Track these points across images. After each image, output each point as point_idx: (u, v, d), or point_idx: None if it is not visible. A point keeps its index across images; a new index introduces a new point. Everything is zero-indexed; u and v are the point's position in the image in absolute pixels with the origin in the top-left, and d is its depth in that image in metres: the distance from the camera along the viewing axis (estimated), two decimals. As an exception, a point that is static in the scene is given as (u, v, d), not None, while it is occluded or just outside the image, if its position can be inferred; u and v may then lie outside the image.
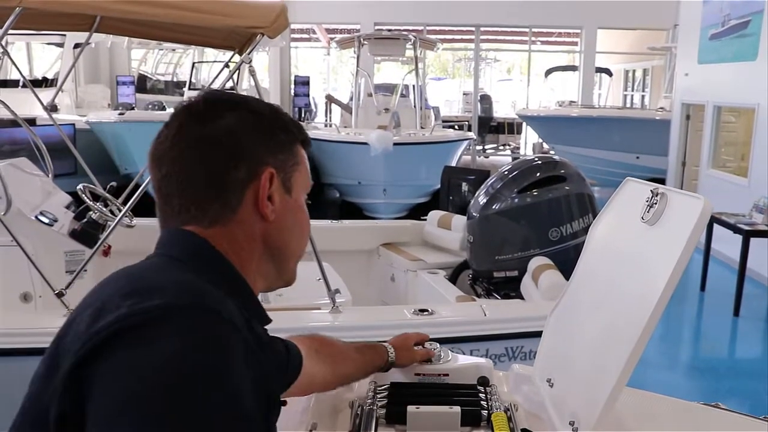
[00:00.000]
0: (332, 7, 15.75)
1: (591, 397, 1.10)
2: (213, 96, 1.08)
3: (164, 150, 1.03)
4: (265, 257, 1.07)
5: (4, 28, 2.86)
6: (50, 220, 3.56)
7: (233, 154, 1.01)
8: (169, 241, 1.03)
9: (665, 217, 1.14)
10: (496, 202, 4.20)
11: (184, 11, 3.03)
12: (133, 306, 0.84)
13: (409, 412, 1.36)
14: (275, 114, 1.09)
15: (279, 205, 1.05)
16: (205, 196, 1.01)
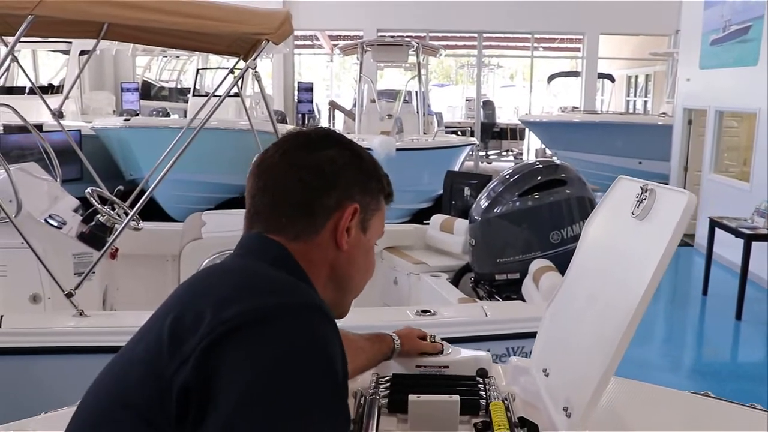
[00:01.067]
0: (335, 14, 15.86)
1: (583, 383, 1.16)
2: (323, 131, 1.22)
3: (269, 165, 1.16)
4: (330, 284, 1.16)
5: (16, 36, 2.93)
6: (59, 223, 3.62)
7: (329, 183, 1.13)
8: (258, 246, 1.13)
9: (654, 212, 1.20)
10: (498, 205, 4.25)
11: (192, 18, 3.10)
12: (256, 302, 0.96)
13: (411, 401, 1.41)
14: (373, 163, 1.21)
15: (354, 239, 1.15)
16: (295, 213, 1.13)
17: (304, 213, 1.13)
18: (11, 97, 9.01)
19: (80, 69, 7.61)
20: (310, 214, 1.13)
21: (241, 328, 0.92)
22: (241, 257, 1.13)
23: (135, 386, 0.96)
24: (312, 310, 0.98)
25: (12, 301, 3.36)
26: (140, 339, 1.03)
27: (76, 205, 4.12)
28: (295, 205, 1.13)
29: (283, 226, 1.13)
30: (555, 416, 1.26)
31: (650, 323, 7.06)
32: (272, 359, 0.90)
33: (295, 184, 1.13)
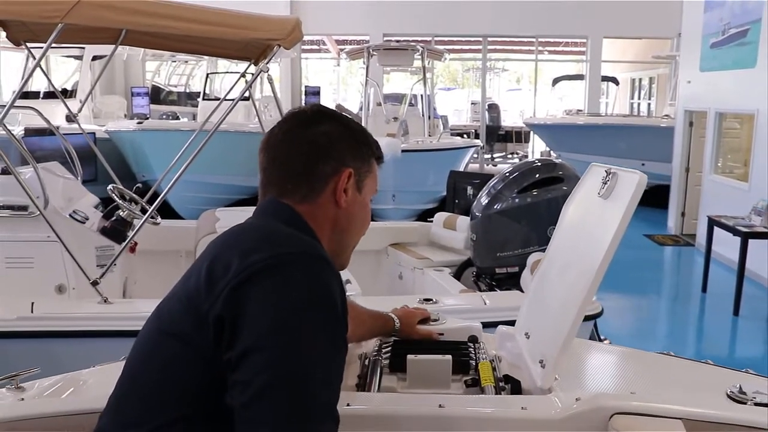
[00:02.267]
0: (342, 19, 16.07)
1: (554, 338, 1.35)
2: (317, 108, 1.43)
3: (275, 141, 1.38)
4: (334, 237, 1.38)
5: (47, 43, 3.15)
6: (82, 218, 3.84)
7: (325, 153, 1.35)
8: (273, 208, 1.35)
9: (615, 192, 1.40)
10: (498, 202, 4.44)
11: (208, 25, 3.31)
12: (274, 250, 1.18)
13: (409, 360, 1.61)
14: (362, 132, 1.43)
15: (351, 198, 1.37)
16: (299, 179, 1.34)
17: (306, 179, 1.34)
18: (27, 101, 9.25)
19: (99, 74, 7.85)
20: (311, 180, 1.34)
21: (262, 272, 1.14)
22: (259, 218, 1.36)
23: (179, 319, 1.20)
24: (319, 259, 1.19)
25: (38, 290, 3.57)
26: (182, 285, 1.27)
27: (97, 203, 4.34)
28: (299, 174, 1.34)
29: (291, 192, 1.34)
30: (533, 369, 1.46)
31: (652, 320, 7.24)
32: (288, 299, 1.12)
33: (296, 156, 1.35)
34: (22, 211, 3.69)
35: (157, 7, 3.41)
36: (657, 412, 1.32)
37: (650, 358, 1.67)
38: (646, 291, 8.13)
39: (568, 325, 1.31)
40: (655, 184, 12.27)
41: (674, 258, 9.79)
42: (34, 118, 4.98)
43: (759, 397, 1.40)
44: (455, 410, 1.42)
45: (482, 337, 1.79)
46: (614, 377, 1.62)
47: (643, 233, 10.55)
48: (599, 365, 1.75)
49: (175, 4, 3.49)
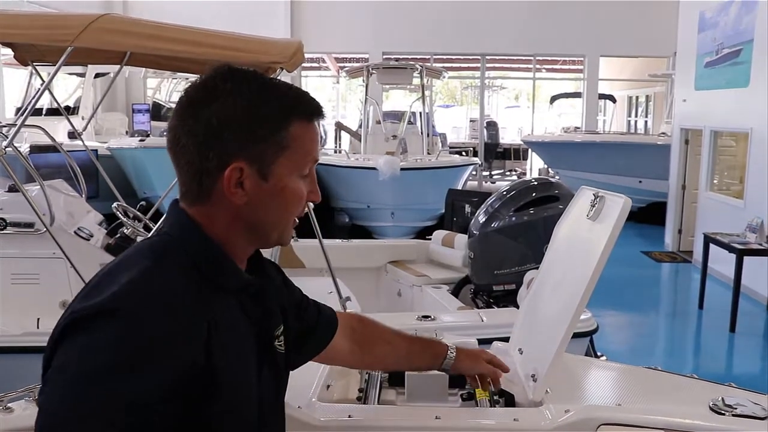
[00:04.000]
0: (341, 37, 16.25)
1: (545, 353, 1.43)
2: (219, 74, 1.14)
3: (169, 125, 1.15)
4: (246, 231, 1.17)
5: (56, 66, 3.24)
6: (87, 234, 3.92)
7: (206, 145, 1.10)
8: (168, 217, 1.20)
9: (602, 214, 1.48)
10: (495, 220, 4.51)
11: (212, 48, 3.40)
12: (79, 304, 1.03)
13: (407, 375, 1.69)
14: (258, 105, 1.13)
15: (251, 190, 1.13)
16: (186, 179, 1.15)
17: (191, 178, 1.14)
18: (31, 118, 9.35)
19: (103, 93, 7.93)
20: (196, 179, 1.13)
21: (63, 330, 1.01)
22: (152, 235, 1.25)
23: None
24: (110, 317, 0.98)
25: (43, 306, 3.64)
26: None
27: (101, 220, 4.42)
28: (184, 170, 1.14)
29: (184, 192, 1.17)
30: (525, 383, 1.54)
31: (649, 336, 7.29)
32: (72, 357, 0.98)
33: (179, 148, 1.13)
34: (28, 228, 3.77)
35: (163, 30, 3.50)
36: (641, 423, 1.39)
37: (638, 372, 1.75)
38: (644, 307, 8.19)
39: (558, 341, 1.39)
40: (652, 201, 12.39)
41: (671, 275, 9.86)
42: (38, 135, 5.07)
43: (740, 408, 1.47)
44: (451, 422, 1.49)
45: (478, 353, 1.86)
46: (603, 390, 1.69)
47: (641, 250, 10.62)
48: (590, 379, 1.82)
49: (180, 28, 3.59)
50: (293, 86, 1.21)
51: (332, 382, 1.71)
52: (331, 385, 1.70)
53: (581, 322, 3.62)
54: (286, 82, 1.22)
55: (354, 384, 1.76)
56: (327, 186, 10.88)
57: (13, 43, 3.64)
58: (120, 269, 1.08)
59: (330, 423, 1.52)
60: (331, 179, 10.70)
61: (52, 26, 3.35)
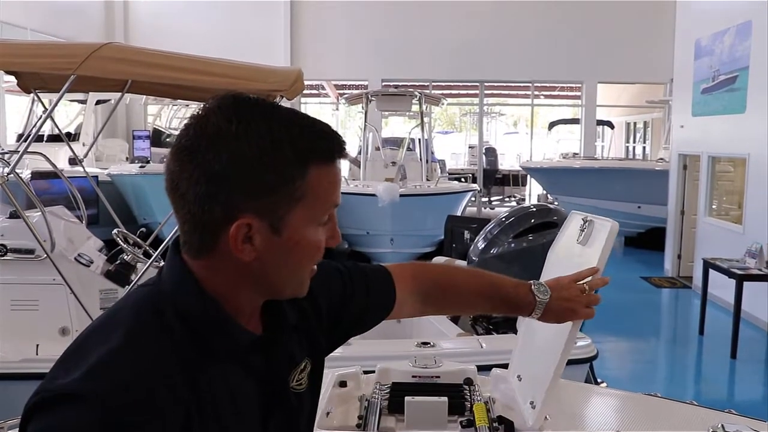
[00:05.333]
0: (341, 65, 16.38)
1: (542, 380, 1.43)
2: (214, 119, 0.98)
3: (167, 164, 1.01)
4: (256, 286, 1.05)
5: (59, 94, 3.28)
6: (87, 261, 3.93)
7: (209, 197, 0.97)
8: (166, 266, 1.07)
9: (591, 238, 1.50)
10: (494, 246, 4.53)
11: (212, 76, 3.44)
12: (48, 381, 0.93)
13: (407, 401, 1.69)
14: (269, 151, 0.97)
15: (262, 246, 1.00)
16: (188, 228, 1.01)
17: (192, 230, 1.01)
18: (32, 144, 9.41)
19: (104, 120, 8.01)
20: (197, 231, 1.00)
21: (30, 410, 0.93)
22: (145, 285, 1.08)
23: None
24: (73, 404, 0.89)
25: (43, 333, 3.64)
26: None
27: (101, 246, 4.43)
28: (184, 220, 1.01)
29: (184, 243, 1.04)
30: (524, 410, 1.54)
31: (649, 362, 7.27)
32: None
33: (178, 196, 0.99)
34: (28, 254, 3.78)
35: (164, 59, 3.55)
36: (640, 450, 1.40)
37: (638, 399, 1.75)
38: (644, 333, 8.17)
39: (554, 368, 1.39)
40: (651, 227, 12.40)
41: (671, 300, 9.84)
42: (39, 161, 5.11)
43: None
44: (450, 449, 1.49)
45: (477, 380, 1.87)
46: (603, 417, 1.70)
47: (640, 275, 10.62)
48: (590, 406, 1.82)
49: (181, 56, 3.64)
50: (308, 119, 1.04)
51: (332, 409, 1.71)
52: (331, 412, 1.70)
53: (581, 348, 3.62)
54: (300, 112, 1.06)
55: (354, 411, 1.76)
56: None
57: (17, 71, 3.68)
58: (102, 332, 0.98)
59: (330, 451, 1.52)
60: (331, 205, 10.70)
61: (56, 55, 3.40)
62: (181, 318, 1.00)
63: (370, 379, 1.89)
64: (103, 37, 15.24)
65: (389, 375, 1.89)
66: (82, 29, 14.82)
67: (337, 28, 16.17)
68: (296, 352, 1.17)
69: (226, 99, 1.01)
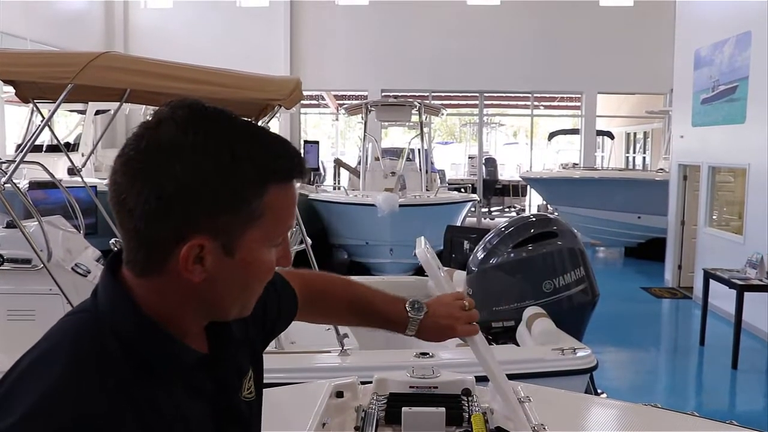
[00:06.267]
0: (341, 75, 16.44)
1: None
2: (168, 129, 0.91)
3: (111, 171, 0.93)
4: (202, 307, 0.99)
5: (57, 103, 3.28)
6: (84, 271, 3.91)
7: (159, 215, 0.90)
8: (100, 279, 0.99)
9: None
10: (494, 256, 4.51)
11: (210, 86, 3.43)
12: None
13: (404, 412, 1.67)
14: (227, 168, 0.91)
15: (213, 266, 0.93)
16: (133, 243, 0.93)
17: (140, 246, 0.93)
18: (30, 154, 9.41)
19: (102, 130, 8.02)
20: (146, 248, 0.93)
21: None
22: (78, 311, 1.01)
23: None
24: None
25: (39, 344, 3.61)
26: None
27: (98, 256, 4.41)
28: (129, 236, 0.93)
29: (129, 260, 0.95)
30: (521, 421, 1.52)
31: (650, 373, 7.23)
32: None
33: (124, 211, 0.91)
34: (25, 264, 3.77)
35: (162, 68, 3.55)
36: (641, 462, 1.38)
37: (638, 410, 1.73)
38: (644, 344, 8.14)
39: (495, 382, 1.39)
40: (651, 237, 12.39)
41: (672, 311, 9.81)
42: (38, 171, 5.09)
43: (741, 447, 1.45)
44: (448, 460, 1.47)
45: (475, 390, 1.84)
46: (601, 428, 1.67)
47: (640, 286, 10.60)
48: (589, 416, 1.80)
49: (179, 65, 3.63)
50: (269, 135, 0.99)
51: (328, 419, 1.69)
52: (327, 423, 1.68)
53: (581, 359, 3.60)
54: (259, 126, 1.02)
55: (350, 421, 1.74)
56: (326, 222, 10.90)
57: (14, 80, 3.68)
58: (33, 374, 0.89)
59: (325, 462, 1.50)
60: (330, 216, 10.72)
61: (53, 64, 3.40)
62: (123, 344, 0.93)
63: (367, 389, 1.87)
64: (103, 47, 15.29)
65: (386, 385, 1.87)
66: (82, 39, 14.87)
67: (337, 38, 16.23)
68: (243, 362, 1.14)
69: (180, 107, 0.94)
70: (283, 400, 1.84)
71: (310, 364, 3.36)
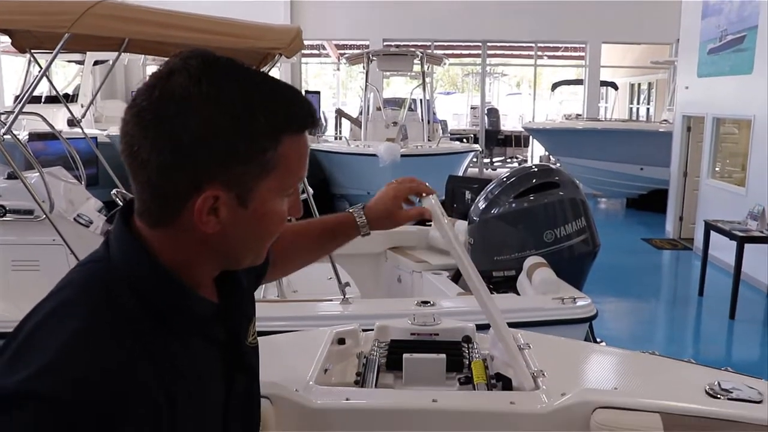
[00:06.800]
0: (342, 24, 16.19)
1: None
2: (182, 80, 0.90)
3: (123, 122, 0.93)
4: (215, 257, 1.01)
5: (54, 53, 3.23)
6: (86, 221, 3.92)
7: (173, 167, 0.90)
8: (114, 237, 0.98)
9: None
10: (495, 206, 4.52)
11: (210, 34, 3.39)
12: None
13: (405, 358, 1.69)
14: (241, 118, 0.91)
15: (227, 217, 0.94)
16: (146, 194, 0.94)
17: (151, 199, 0.94)
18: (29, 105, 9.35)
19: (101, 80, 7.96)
20: (160, 200, 0.94)
21: None
22: (90, 261, 0.99)
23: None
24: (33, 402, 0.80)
25: (43, 293, 3.63)
26: None
27: (100, 206, 4.42)
28: (143, 188, 0.94)
29: (141, 212, 0.96)
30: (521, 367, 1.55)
31: (648, 322, 7.31)
32: None
33: (137, 163, 0.91)
34: (27, 215, 3.78)
35: (160, 17, 3.49)
36: (636, 407, 1.40)
37: (636, 357, 1.76)
38: (644, 294, 8.20)
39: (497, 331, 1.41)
40: (653, 189, 12.38)
41: (672, 262, 9.86)
42: (37, 122, 5.07)
43: (736, 393, 1.48)
44: (448, 404, 1.50)
45: (476, 338, 1.87)
46: (600, 374, 1.70)
47: (641, 237, 10.63)
48: (587, 364, 1.83)
49: (177, 13, 3.58)
50: (281, 84, 0.98)
51: (330, 366, 1.72)
52: (329, 369, 1.71)
53: (580, 308, 3.63)
54: (271, 77, 1.00)
55: (351, 368, 1.77)
56: (327, 173, 10.88)
57: (10, 29, 3.63)
58: (49, 325, 0.88)
59: (327, 406, 1.53)
60: (332, 166, 10.69)
61: (49, 12, 3.34)
62: (138, 295, 0.93)
63: (369, 336, 1.90)
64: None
65: (388, 332, 1.89)
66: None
67: (338, -14, 15.94)
68: (248, 309, 1.16)
69: (192, 57, 0.93)
70: (286, 347, 1.87)
71: (312, 312, 3.40)
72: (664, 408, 1.39)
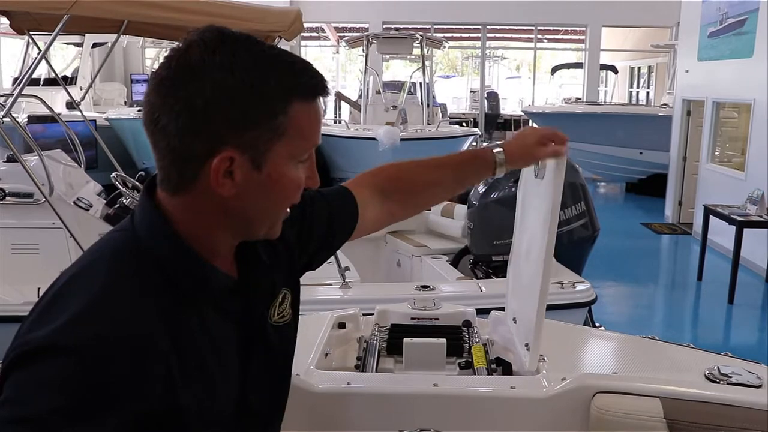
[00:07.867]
0: (341, 7, 16.10)
1: (531, 321, 1.45)
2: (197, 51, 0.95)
3: (146, 93, 0.99)
4: (233, 224, 1.04)
5: (53, 35, 3.22)
6: (86, 205, 3.92)
7: (190, 130, 0.95)
8: (139, 208, 1.04)
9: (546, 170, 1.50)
10: (494, 190, 4.51)
11: (209, 17, 3.36)
12: (27, 333, 0.90)
13: (405, 343, 1.70)
14: (253, 83, 0.96)
15: (242, 180, 0.98)
16: (166, 162, 0.99)
17: (171, 165, 0.99)
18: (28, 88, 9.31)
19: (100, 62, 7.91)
20: (177, 166, 0.98)
21: (9, 363, 0.89)
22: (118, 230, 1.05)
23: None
24: (59, 354, 0.86)
25: (44, 276, 3.64)
26: None
27: (100, 190, 4.42)
28: (163, 155, 0.99)
29: (161, 180, 1.02)
30: (521, 352, 1.55)
31: (647, 307, 7.33)
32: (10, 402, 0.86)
33: (157, 129, 0.97)
34: (27, 198, 3.78)
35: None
36: (636, 391, 1.41)
37: (635, 341, 1.76)
38: (643, 278, 8.22)
39: (536, 308, 1.40)
40: (652, 173, 12.36)
41: (671, 246, 9.88)
42: (36, 105, 5.05)
43: (735, 377, 1.48)
44: (448, 389, 1.51)
45: (476, 322, 1.87)
46: (600, 359, 1.71)
47: (641, 221, 10.64)
48: (587, 348, 1.84)
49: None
50: (292, 56, 1.03)
51: (330, 350, 1.72)
52: (330, 353, 1.71)
53: (580, 293, 3.64)
54: (284, 49, 1.04)
55: (352, 352, 1.78)
56: (326, 156, 10.87)
57: (8, 11, 3.61)
58: (80, 281, 0.95)
59: (328, 390, 1.54)
60: (331, 150, 10.67)
61: (48, -7, 3.32)
62: (158, 264, 0.99)
63: (369, 320, 1.90)
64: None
65: (388, 317, 1.90)
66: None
67: (338, -32, 15.83)
68: (272, 287, 1.18)
69: (208, 31, 0.98)
70: (287, 331, 1.86)
71: (312, 297, 3.40)
72: (664, 392, 1.40)
